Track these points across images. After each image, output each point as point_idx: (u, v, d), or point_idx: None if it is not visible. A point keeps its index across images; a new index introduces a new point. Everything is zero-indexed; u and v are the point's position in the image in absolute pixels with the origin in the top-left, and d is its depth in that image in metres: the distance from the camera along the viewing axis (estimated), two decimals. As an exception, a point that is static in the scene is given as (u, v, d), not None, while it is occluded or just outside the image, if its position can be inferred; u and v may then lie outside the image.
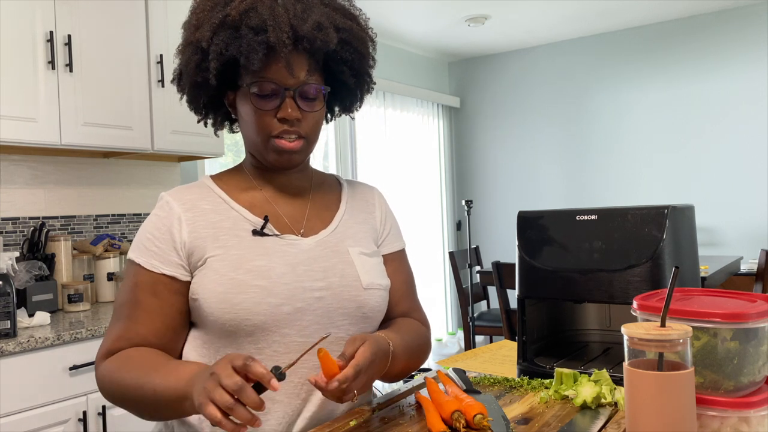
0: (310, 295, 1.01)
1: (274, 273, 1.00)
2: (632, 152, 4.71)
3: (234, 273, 0.98)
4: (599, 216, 1.24)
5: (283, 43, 0.96)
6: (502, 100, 5.31)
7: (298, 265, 1.02)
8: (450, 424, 0.92)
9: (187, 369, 0.91)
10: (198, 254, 1.01)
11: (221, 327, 0.99)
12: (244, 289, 0.97)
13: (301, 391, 1.01)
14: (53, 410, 1.90)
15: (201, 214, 1.04)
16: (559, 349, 1.42)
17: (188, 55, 1.03)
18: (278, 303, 0.98)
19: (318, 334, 1.01)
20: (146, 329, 1.00)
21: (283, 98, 1.00)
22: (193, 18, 1.03)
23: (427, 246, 5.13)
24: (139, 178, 2.90)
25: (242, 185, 1.10)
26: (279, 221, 1.07)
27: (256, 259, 1.00)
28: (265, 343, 0.99)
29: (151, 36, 2.55)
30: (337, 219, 1.12)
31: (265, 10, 0.97)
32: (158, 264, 1.01)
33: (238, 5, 0.98)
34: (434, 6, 4.08)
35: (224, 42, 0.98)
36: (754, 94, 4.26)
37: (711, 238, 4.42)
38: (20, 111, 2.13)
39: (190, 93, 1.08)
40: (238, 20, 0.97)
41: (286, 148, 1.02)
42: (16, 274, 2.12)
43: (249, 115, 1.03)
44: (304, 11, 1.00)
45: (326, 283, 1.03)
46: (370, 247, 1.13)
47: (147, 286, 1.01)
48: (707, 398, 0.81)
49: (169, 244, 1.02)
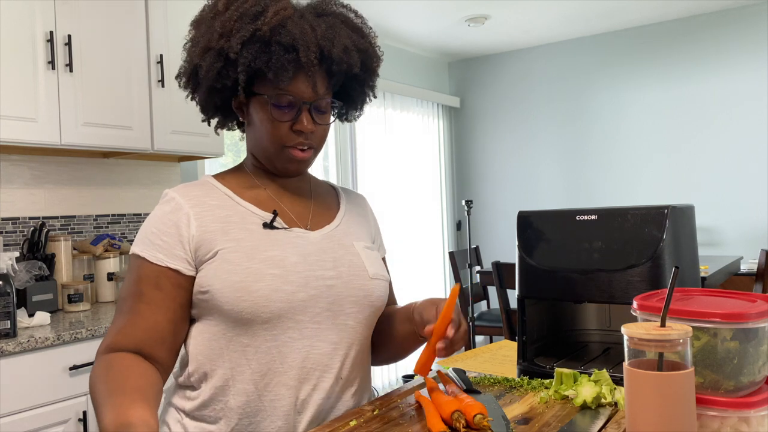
0: (323, 283, 1.05)
1: (287, 262, 1.03)
2: (632, 152, 4.71)
3: (249, 263, 1.01)
4: (599, 216, 1.24)
5: (312, 62, 1.01)
6: (502, 100, 5.31)
7: (309, 255, 1.06)
8: (450, 424, 0.92)
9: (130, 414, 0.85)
10: (206, 247, 1.03)
11: (237, 316, 1.00)
12: (260, 278, 1.00)
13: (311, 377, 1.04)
14: (53, 410, 1.90)
15: (208, 210, 1.06)
16: (559, 349, 1.42)
17: (209, 61, 1.04)
18: (293, 290, 1.02)
19: (329, 321, 1.05)
20: (148, 322, 1.01)
21: (300, 111, 1.05)
22: (217, 23, 1.04)
23: (427, 246, 5.13)
24: (139, 178, 2.90)
25: (245, 184, 1.13)
26: (286, 216, 1.10)
27: (270, 250, 1.03)
28: (280, 330, 1.02)
29: (151, 36, 2.55)
30: (339, 217, 1.17)
31: (295, 28, 1.01)
32: (163, 257, 1.03)
33: (269, 20, 1.01)
34: (434, 6, 4.08)
35: (253, 55, 1.01)
36: (754, 94, 4.26)
37: (711, 238, 4.42)
38: (20, 111, 2.13)
39: (205, 96, 1.10)
40: (269, 35, 1.00)
41: (298, 158, 1.08)
42: (16, 274, 2.12)
43: (264, 123, 1.06)
44: (328, 30, 1.04)
45: (336, 272, 1.07)
46: (371, 244, 1.19)
47: (150, 279, 1.02)
48: (707, 398, 0.81)
49: (175, 238, 1.03)
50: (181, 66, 1.11)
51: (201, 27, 1.08)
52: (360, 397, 1.12)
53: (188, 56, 1.09)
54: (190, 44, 1.09)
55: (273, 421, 1.01)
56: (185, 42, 1.11)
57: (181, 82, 1.12)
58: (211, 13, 1.07)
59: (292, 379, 1.02)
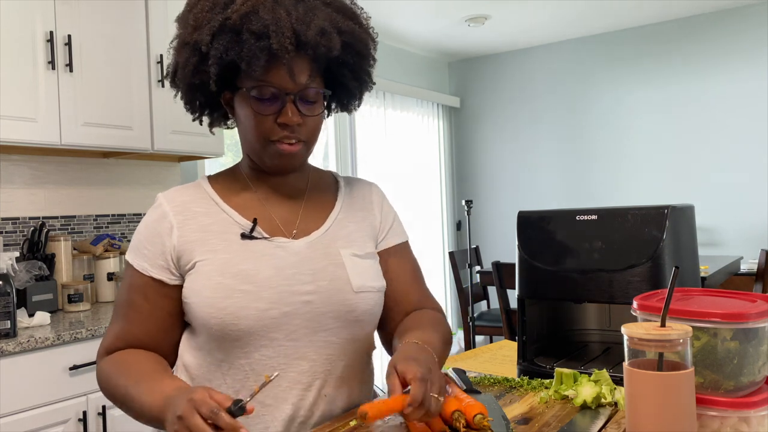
0: (298, 299, 1.00)
1: (260, 277, 0.98)
2: (632, 152, 4.71)
3: (221, 277, 0.98)
4: (599, 216, 1.24)
5: (286, 49, 0.93)
6: (502, 100, 5.31)
7: (286, 269, 1.01)
8: (450, 424, 0.92)
9: (166, 387, 0.90)
10: (186, 258, 1.01)
11: (209, 331, 0.99)
12: (229, 294, 0.97)
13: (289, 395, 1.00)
14: (53, 410, 1.90)
15: (192, 217, 1.04)
16: (559, 349, 1.42)
17: (185, 56, 1.00)
18: (265, 307, 0.97)
19: (307, 338, 1.00)
20: (139, 330, 1.02)
21: (284, 103, 0.98)
22: (191, 17, 1.00)
23: (427, 246, 5.13)
24: (139, 178, 2.90)
25: (236, 186, 1.09)
26: (270, 223, 1.05)
27: (243, 263, 0.99)
28: (253, 347, 0.99)
29: (151, 36, 2.55)
30: (331, 219, 1.10)
31: (267, 14, 0.94)
32: (147, 267, 1.02)
33: (239, 8, 0.94)
34: (434, 6, 4.07)
35: (224, 46, 0.95)
36: (754, 93, 4.26)
37: (711, 238, 4.42)
38: (20, 111, 2.13)
39: (187, 94, 1.06)
40: (239, 24, 0.94)
41: (286, 152, 1.01)
42: (16, 274, 2.12)
43: (248, 118, 1.00)
44: (306, 14, 0.96)
45: (315, 287, 1.01)
46: (365, 248, 1.10)
47: (139, 288, 1.03)
48: (707, 398, 0.81)
49: (158, 247, 1.02)
50: (168, 65, 1.08)
51: (181, 22, 1.04)
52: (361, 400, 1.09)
53: (173, 54, 1.05)
54: (175, 42, 1.05)
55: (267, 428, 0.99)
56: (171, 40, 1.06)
57: (169, 82, 1.08)
58: (188, 7, 1.03)
59: (269, 398, 0.98)
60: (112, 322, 1.05)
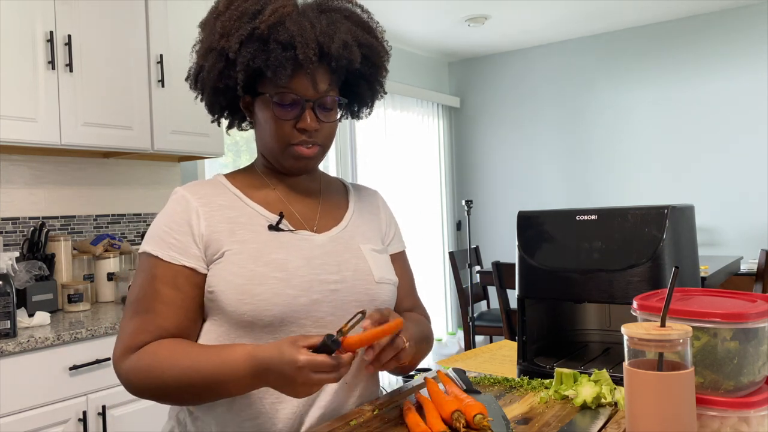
0: (326, 288, 1.05)
1: (291, 265, 1.03)
2: (632, 152, 4.71)
3: (253, 265, 1.01)
4: (599, 216, 1.24)
5: (310, 59, 1.00)
6: (502, 100, 5.31)
7: (314, 259, 1.06)
8: (450, 424, 0.92)
9: (239, 349, 0.93)
10: (214, 247, 1.03)
11: (239, 318, 1.00)
12: (263, 281, 1.00)
13: None
14: (53, 410, 1.90)
15: (217, 209, 1.06)
16: (559, 349, 1.42)
17: (212, 61, 1.05)
18: (296, 294, 1.01)
19: (333, 325, 1.04)
20: (168, 322, 1.00)
21: (303, 109, 1.04)
22: (218, 24, 1.05)
23: (427, 246, 5.13)
24: (139, 178, 2.90)
25: (255, 184, 1.13)
26: (293, 218, 1.10)
27: (274, 253, 1.03)
28: (282, 334, 1.01)
29: (151, 36, 2.55)
30: (347, 218, 1.17)
31: (293, 25, 1.00)
32: (178, 256, 1.02)
33: (267, 18, 1.01)
34: (434, 6, 4.08)
35: (252, 54, 1.01)
36: (754, 94, 4.26)
37: (711, 238, 4.42)
38: (20, 111, 2.13)
39: (210, 97, 1.11)
40: (266, 34, 1.00)
41: (304, 155, 1.07)
42: (16, 274, 2.12)
43: (268, 122, 1.06)
44: (329, 26, 1.03)
45: (340, 276, 1.07)
46: (379, 245, 1.18)
47: (167, 278, 1.02)
48: (707, 398, 0.81)
49: (188, 236, 1.03)
50: (190, 68, 1.13)
51: (206, 28, 1.09)
52: (365, 400, 1.11)
53: (195, 58, 1.11)
54: (198, 46, 1.11)
55: (275, 423, 1.01)
56: (194, 44, 1.12)
57: (190, 83, 1.14)
58: (214, 14, 1.08)
59: None
60: (128, 319, 1.02)
